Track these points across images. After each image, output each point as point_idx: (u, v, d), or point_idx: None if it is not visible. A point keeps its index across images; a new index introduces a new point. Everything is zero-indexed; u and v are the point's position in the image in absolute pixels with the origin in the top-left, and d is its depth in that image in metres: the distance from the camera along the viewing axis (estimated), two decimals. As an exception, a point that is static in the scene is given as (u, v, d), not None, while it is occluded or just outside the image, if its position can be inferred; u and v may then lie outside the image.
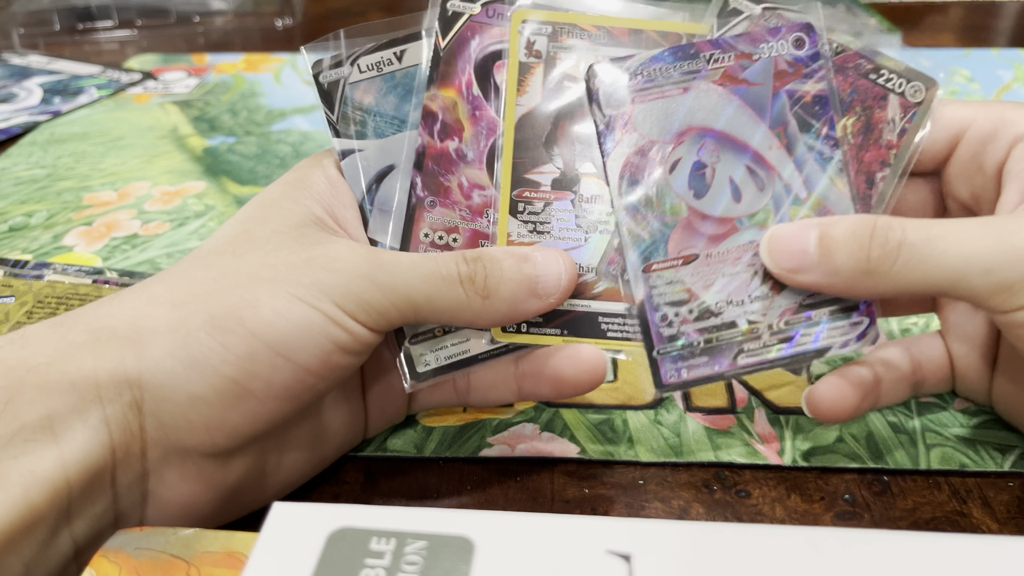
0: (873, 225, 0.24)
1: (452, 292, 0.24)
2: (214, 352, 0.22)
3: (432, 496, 0.28)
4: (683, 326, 0.26)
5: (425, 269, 0.24)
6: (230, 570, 0.19)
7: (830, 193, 0.26)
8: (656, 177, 0.26)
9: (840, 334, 0.26)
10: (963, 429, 0.30)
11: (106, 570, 0.19)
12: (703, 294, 0.26)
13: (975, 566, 0.16)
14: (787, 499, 0.27)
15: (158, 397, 0.22)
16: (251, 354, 0.22)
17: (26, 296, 0.37)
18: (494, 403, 0.29)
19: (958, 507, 0.27)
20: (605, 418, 0.31)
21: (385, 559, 0.17)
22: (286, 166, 0.50)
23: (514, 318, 0.25)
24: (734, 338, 0.26)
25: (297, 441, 0.26)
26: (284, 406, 0.23)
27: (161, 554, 0.19)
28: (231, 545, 0.19)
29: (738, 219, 0.26)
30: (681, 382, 0.26)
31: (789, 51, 0.26)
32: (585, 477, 0.28)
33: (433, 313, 0.24)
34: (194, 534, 0.20)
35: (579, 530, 0.18)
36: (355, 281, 0.23)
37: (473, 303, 0.24)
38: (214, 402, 0.22)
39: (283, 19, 0.79)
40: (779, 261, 0.25)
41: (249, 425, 0.23)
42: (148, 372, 0.22)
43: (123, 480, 0.22)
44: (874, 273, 0.24)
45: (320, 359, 0.23)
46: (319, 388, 0.24)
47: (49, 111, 0.59)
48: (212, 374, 0.22)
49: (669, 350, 0.26)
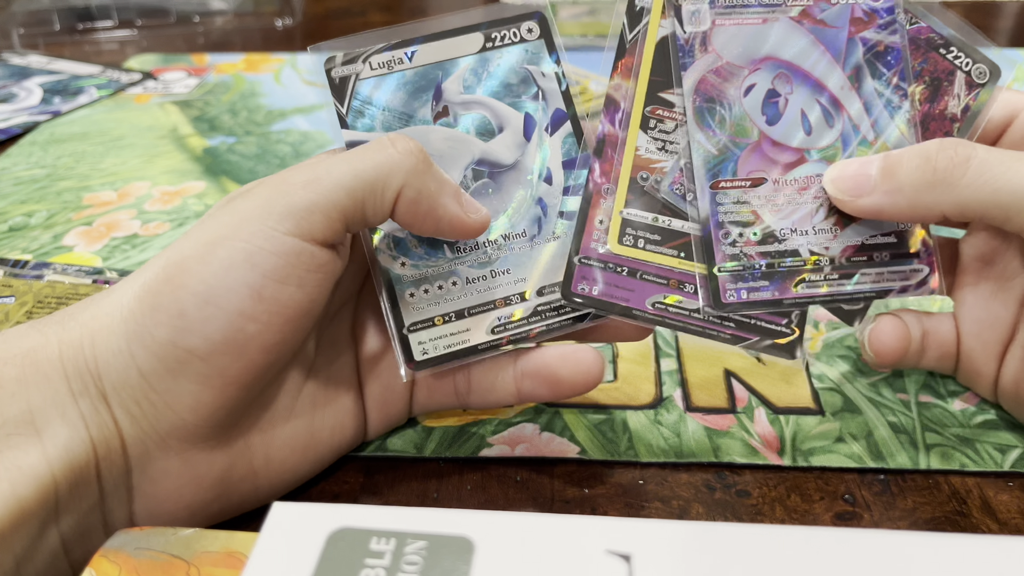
0: (940, 142, 0.24)
1: (380, 155, 0.23)
2: (147, 317, 0.22)
3: (432, 496, 0.28)
4: (746, 247, 0.26)
5: (351, 153, 0.24)
6: (230, 570, 0.19)
7: (897, 140, 0.27)
8: (730, 97, 0.27)
9: (900, 279, 0.27)
10: (963, 429, 0.30)
11: (106, 570, 0.19)
12: (769, 218, 0.27)
13: (975, 566, 0.16)
14: (787, 499, 0.27)
15: (116, 383, 0.22)
16: (180, 310, 0.21)
17: (26, 296, 0.37)
18: (494, 405, 0.29)
19: (958, 507, 0.27)
20: (605, 418, 0.31)
21: (385, 559, 0.17)
22: (286, 166, 0.50)
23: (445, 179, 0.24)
24: (796, 266, 0.26)
25: (286, 437, 0.26)
26: (235, 365, 0.22)
27: (161, 554, 0.19)
28: (231, 545, 0.19)
29: (807, 151, 0.27)
30: (741, 303, 0.26)
31: (866, 0, 0.27)
32: (585, 477, 0.28)
33: (365, 186, 0.23)
34: (194, 534, 0.20)
35: (579, 530, 0.18)
36: (276, 190, 0.23)
37: (404, 161, 0.23)
38: (162, 372, 0.22)
39: (283, 19, 0.79)
40: (841, 187, 0.26)
41: (209, 394, 0.22)
42: (101, 357, 0.22)
43: (108, 476, 0.22)
44: (940, 184, 0.24)
45: (252, 298, 0.22)
46: (266, 338, 0.22)
47: (49, 111, 0.59)
48: (151, 341, 0.22)
49: (731, 268, 0.26)
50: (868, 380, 0.32)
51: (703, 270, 0.26)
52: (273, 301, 0.22)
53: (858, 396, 0.31)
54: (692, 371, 0.33)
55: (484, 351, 0.27)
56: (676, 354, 0.34)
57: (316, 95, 0.61)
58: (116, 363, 0.22)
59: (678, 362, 0.33)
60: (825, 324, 0.35)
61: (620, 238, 0.27)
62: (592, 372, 0.26)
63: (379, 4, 0.85)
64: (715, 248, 0.26)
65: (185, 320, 0.21)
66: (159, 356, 0.22)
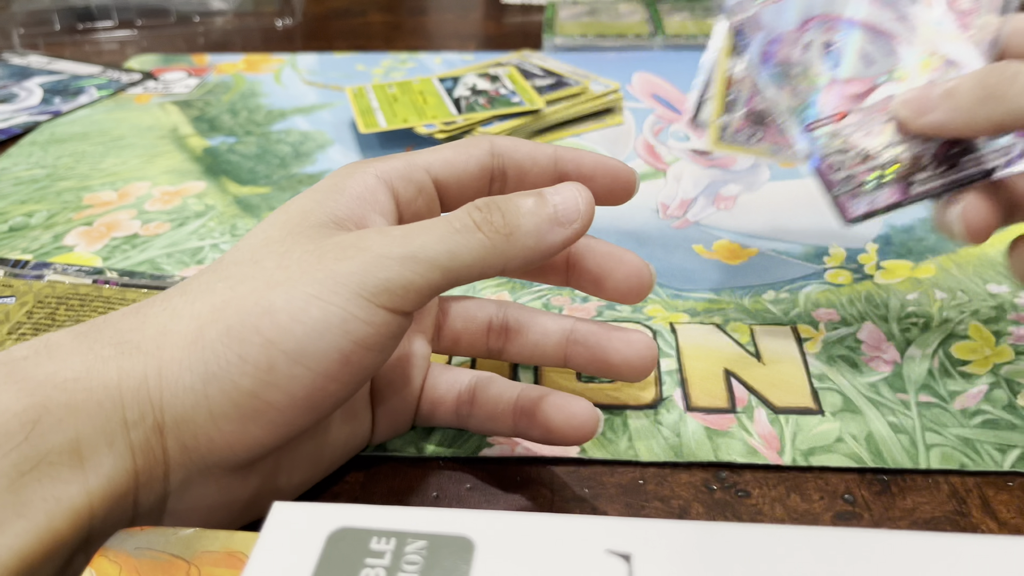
0: (994, 65, 0.27)
1: (473, 240, 0.23)
2: (232, 365, 0.22)
3: (432, 496, 0.28)
4: (852, 169, 0.29)
5: (439, 228, 0.23)
6: (230, 570, 0.19)
7: (956, 55, 0.30)
8: (795, 57, 0.31)
9: (1001, 155, 0.29)
10: (963, 429, 0.30)
11: (106, 570, 0.19)
12: (863, 142, 0.30)
13: (975, 566, 0.17)
14: (787, 499, 0.27)
15: (179, 418, 0.22)
16: (270, 365, 0.21)
17: (26, 296, 0.37)
18: (490, 433, 0.29)
19: (957, 507, 0.27)
20: (605, 418, 0.31)
21: (385, 558, 0.17)
22: (286, 166, 0.50)
23: (543, 251, 0.24)
24: (902, 171, 0.29)
25: (307, 454, 0.26)
26: (305, 416, 0.23)
27: (161, 554, 0.19)
28: (231, 545, 0.19)
29: (875, 78, 0.30)
30: (865, 212, 0.29)
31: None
32: (585, 477, 0.28)
33: (462, 268, 0.23)
34: (194, 534, 0.20)
35: (579, 530, 0.18)
36: (373, 262, 0.22)
37: (497, 244, 0.23)
38: (234, 417, 0.22)
39: (283, 19, 0.79)
40: (907, 108, 0.29)
41: (270, 437, 0.22)
42: (168, 390, 0.22)
43: (144, 503, 0.22)
44: (990, 99, 0.26)
45: (340, 362, 0.22)
46: (340, 395, 0.23)
47: (49, 111, 0.59)
48: (231, 388, 0.22)
49: (845, 188, 0.29)
50: (868, 380, 0.32)
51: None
52: (358, 365, 0.22)
53: (858, 396, 0.31)
54: (692, 371, 0.33)
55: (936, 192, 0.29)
56: (676, 354, 0.34)
57: (316, 95, 0.61)
58: (185, 400, 0.22)
59: (678, 362, 0.33)
60: (824, 324, 0.35)
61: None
62: (584, 428, 0.26)
63: (379, 4, 0.85)
64: (826, 178, 0.30)
65: (273, 375, 0.22)
66: (237, 403, 0.22)
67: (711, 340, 0.34)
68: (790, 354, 0.34)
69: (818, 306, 0.36)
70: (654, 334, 0.35)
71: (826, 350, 0.34)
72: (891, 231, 0.42)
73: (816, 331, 0.35)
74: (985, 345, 0.34)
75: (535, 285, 0.38)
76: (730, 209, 0.44)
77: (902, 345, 0.34)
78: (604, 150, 0.51)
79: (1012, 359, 0.33)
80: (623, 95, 0.57)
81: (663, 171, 0.48)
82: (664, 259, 0.40)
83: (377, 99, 0.55)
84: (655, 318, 0.36)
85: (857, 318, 0.36)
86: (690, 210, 0.44)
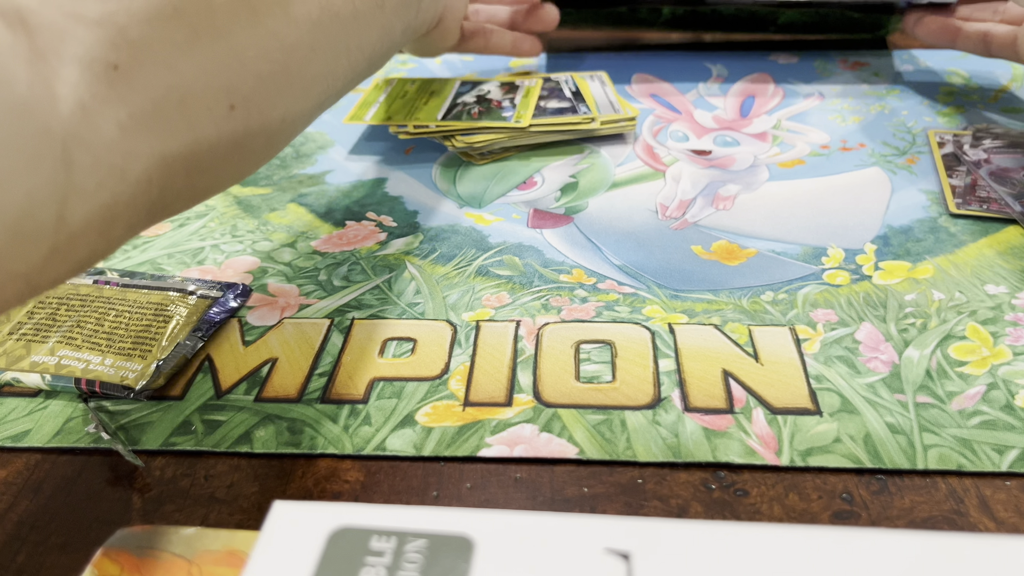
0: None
1: None
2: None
3: (432, 496, 0.28)
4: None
5: None
6: (231, 568, 0.19)
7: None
8: (1010, 174, 0.44)
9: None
10: (960, 430, 0.30)
11: (108, 569, 0.19)
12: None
13: (972, 565, 0.17)
14: (785, 498, 0.27)
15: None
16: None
17: (26, 296, 0.37)
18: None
19: (955, 506, 0.27)
20: (604, 419, 0.31)
21: (386, 558, 0.17)
22: (286, 166, 0.50)
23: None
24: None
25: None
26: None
27: (163, 553, 0.19)
28: (232, 544, 0.19)
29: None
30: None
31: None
32: (584, 477, 0.28)
33: None
34: (195, 533, 0.20)
35: (578, 529, 0.18)
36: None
37: None
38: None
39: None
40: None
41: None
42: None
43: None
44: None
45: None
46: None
47: (49, 111, 0.59)
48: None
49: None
50: (866, 381, 0.32)
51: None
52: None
53: (856, 397, 0.31)
54: (690, 372, 0.33)
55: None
56: (674, 355, 0.34)
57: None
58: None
59: (676, 363, 0.33)
60: (822, 325, 0.35)
61: None
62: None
63: (378, 5, 0.85)
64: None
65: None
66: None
67: (709, 341, 0.35)
68: (788, 355, 0.34)
69: (816, 307, 0.37)
70: (652, 335, 0.35)
71: (824, 351, 0.34)
72: (889, 232, 0.42)
73: (814, 332, 0.35)
74: (983, 346, 0.34)
75: (535, 285, 0.38)
76: (729, 209, 0.44)
77: (900, 346, 0.34)
78: (604, 150, 0.51)
79: (1010, 360, 0.33)
80: (629, 103, 0.57)
81: (662, 172, 0.48)
82: (663, 260, 0.40)
83: (389, 94, 0.55)
84: (653, 319, 0.36)
85: (855, 319, 0.36)
86: (689, 211, 0.44)
